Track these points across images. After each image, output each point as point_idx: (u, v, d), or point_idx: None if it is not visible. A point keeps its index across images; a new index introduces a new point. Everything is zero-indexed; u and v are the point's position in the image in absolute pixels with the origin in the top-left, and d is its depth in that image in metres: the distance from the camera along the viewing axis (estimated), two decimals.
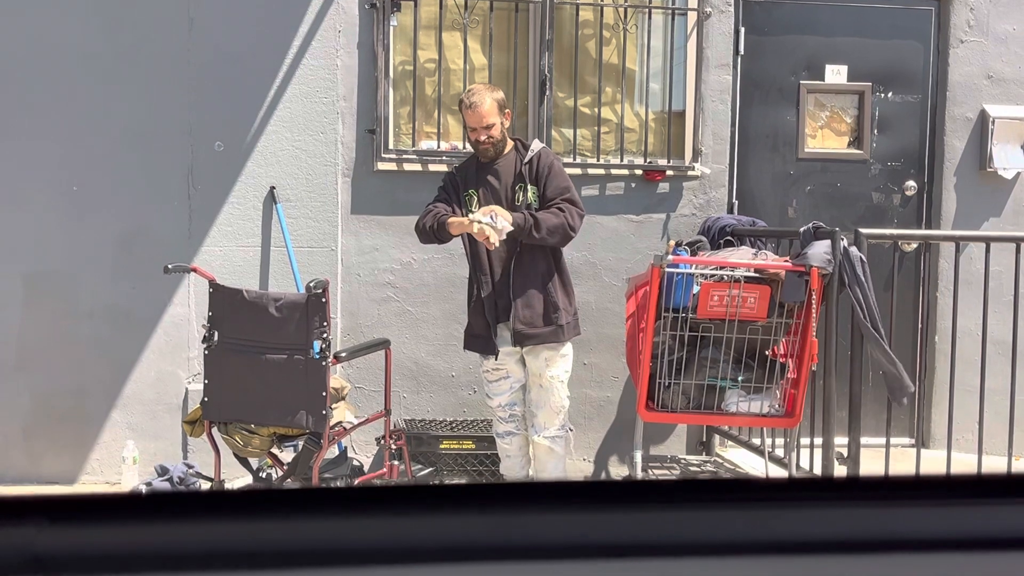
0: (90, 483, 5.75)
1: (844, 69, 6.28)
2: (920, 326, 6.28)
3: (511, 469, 5.25)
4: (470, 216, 4.73)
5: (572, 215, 4.83)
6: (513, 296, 4.88)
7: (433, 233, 4.88)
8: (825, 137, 6.36)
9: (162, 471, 5.52)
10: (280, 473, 5.03)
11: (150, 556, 0.89)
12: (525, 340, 4.91)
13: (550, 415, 5.00)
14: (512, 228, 4.69)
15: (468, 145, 5.24)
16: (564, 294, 4.98)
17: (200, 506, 0.94)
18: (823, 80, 6.29)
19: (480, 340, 5.01)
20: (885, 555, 0.94)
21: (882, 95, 6.32)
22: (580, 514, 0.94)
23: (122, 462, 5.64)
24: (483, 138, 4.91)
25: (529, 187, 4.91)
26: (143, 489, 5.33)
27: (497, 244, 4.69)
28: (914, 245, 6.07)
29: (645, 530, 0.92)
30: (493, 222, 4.66)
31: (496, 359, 4.98)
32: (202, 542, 0.90)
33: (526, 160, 4.95)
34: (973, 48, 6.29)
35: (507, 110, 5.01)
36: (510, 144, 5.02)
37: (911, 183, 6.33)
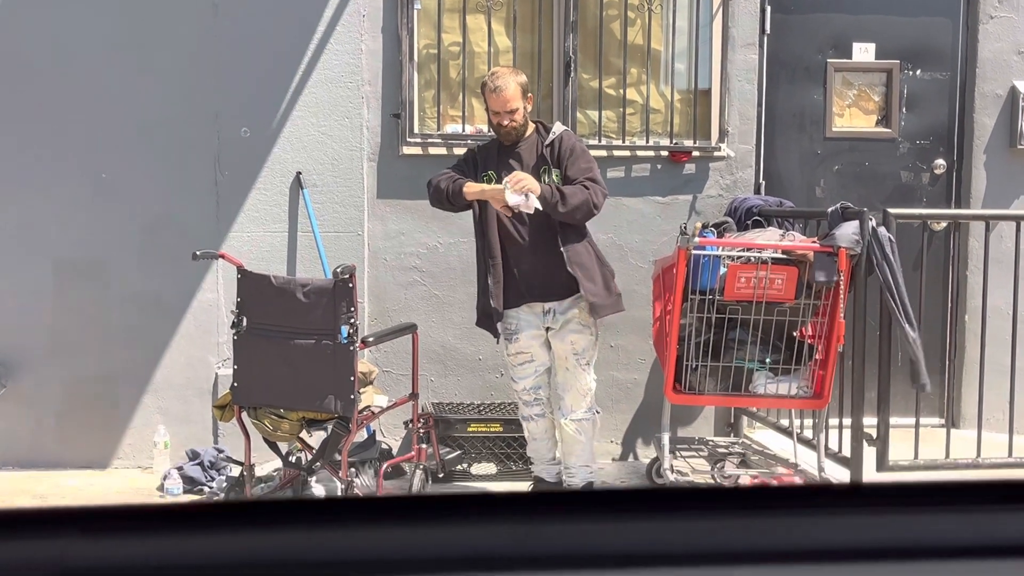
0: (122, 467, 5.81)
1: (872, 47, 6.22)
2: (950, 305, 6.23)
3: (537, 452, 5.26)
4: (503, 183, 4.74)
5: (596, 193, 4.84)
6: (577, 273, 4.87)
7: (447, 197, 4.90)
8: (853, 116, 6.31)
9: (193, 455, 5.58)
10: (309, 457, 5.06)
11: (179, 568, 0.90)
12: (599, 311, 4.92)
13: (577, 398, 5.01)
14: (539, 204, 4.71)
15: (490, 128, 5.24)
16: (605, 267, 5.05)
17: (227, 517, 0.95)
18: (850, 58, 6.23)
19: (489, 320, 5.05)
20: (903, 562, 0.94)
21: (910, 73, 6.25)
22: (593, 523, 0.94)
23: (153, 447, 5.70)
24: (505, 122, 4.92)
25: (553, 170, 4.91)
26: (175, 473, 5.38)
27: (519, 207, 4.72)
28: (943, 224, 6.02)
29: (662, 538, 0.92)
30: (524, 199, 4.68)
31: (513, 342, 5.00)
32: (230, 553, 0.90)
33: (547, 142, 4.95)
34: (1003, 24, 6.21)
35: (530, 94, 5.01)
36: (531, 127, 5.03)
37: (940, 161, 6.27)
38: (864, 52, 6.23)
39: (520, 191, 4.69)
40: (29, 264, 5.74)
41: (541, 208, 4.73)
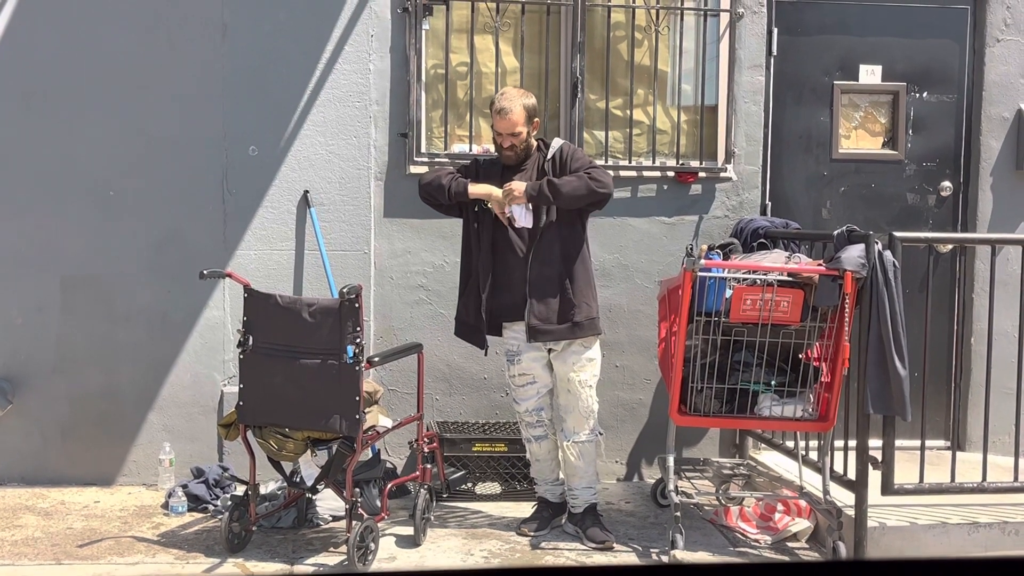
0: (127, 484, 5.82)
1: (878, 69, 6.24)
2: (955, 328, 6.23)
3: (541, 473, 5.26)
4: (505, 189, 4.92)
5: (595, 174, 4.88)
6: (528, 293, 4.92)
7: (448, 194, 4.96)
8: (859, 138, 6.32)
9: (198, 473, 5.58)
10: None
11: None
12: (539, 336, 4.94)
13: (579, 420, 5.01)
14: (520, 220, 4.89)
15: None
16: (585, 290, 4.99)
17: None
18: (857, 80, 6.25)
19: (472, 330, 5.10)
20: None
21: (917, 95, 6.27)
22: None
23: (158, 464, 5.71)
24: (507, 144, 4.97)
25: None
26: (179, 491, 5.39)
27: (512, 215, 4.90)
28: (949, 247, 6.01)
29: None
30: (510, 213, 4.92)
31: (516, 363, 5.02)
32: None
33: (548, 157, 5.00)
34: (1010, 47, 6.22)
35: (536, 119, 5.03)
36: (533, 145, 5.07)
37: (946, 184, 6.28)
38: (871, 74, 6.24)
39: (509, 200, 4.89)
40: (36, 281, 5.76)
41: (529, 221, 4.90)
